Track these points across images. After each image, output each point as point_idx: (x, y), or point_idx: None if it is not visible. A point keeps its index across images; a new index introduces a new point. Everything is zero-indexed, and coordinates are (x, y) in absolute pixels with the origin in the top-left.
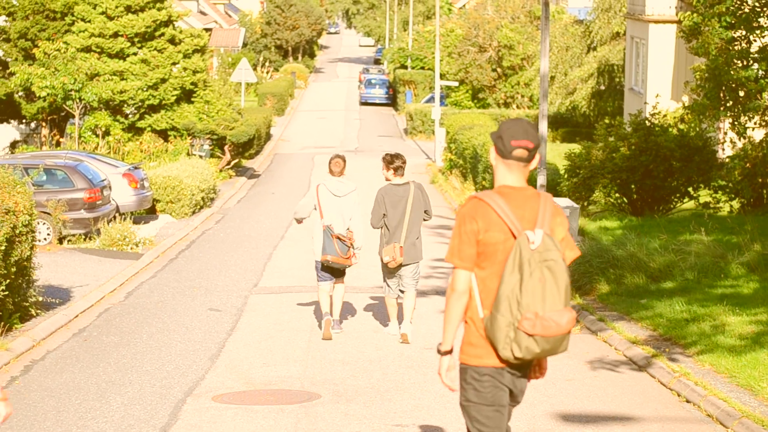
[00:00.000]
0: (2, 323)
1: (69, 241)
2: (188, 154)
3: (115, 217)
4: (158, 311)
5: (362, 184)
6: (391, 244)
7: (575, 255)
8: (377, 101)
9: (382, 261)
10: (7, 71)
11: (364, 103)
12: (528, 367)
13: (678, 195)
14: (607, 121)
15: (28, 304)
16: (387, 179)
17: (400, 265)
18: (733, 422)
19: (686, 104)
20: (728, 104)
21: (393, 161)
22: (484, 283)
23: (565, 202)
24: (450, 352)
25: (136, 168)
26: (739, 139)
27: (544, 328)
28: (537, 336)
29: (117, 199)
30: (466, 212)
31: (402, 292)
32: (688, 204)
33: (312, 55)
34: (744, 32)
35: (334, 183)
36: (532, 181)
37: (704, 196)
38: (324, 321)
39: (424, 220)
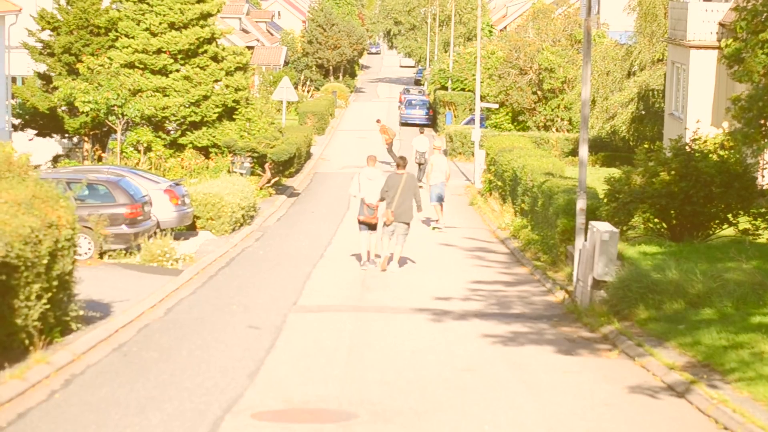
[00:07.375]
0: (43, 337)
1: (110, 255)
2: (229, 172)
3: (155, 233)
4: (198, 327)
5: None
6: (388, 209)
7: None
8: (417, 122)
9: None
10: (51, 85)
11: (404, 124)
12: None
13: (717, 221)
14: (646, 146)
15: (68, 318)
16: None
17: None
18: None
19: (726, 130)
20: None
21: (397, 161)
22: None
23: (604, 226)
24: None
25: (177, 184)
26: None
27: None
28: None
29: (158, 215)
30: None
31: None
32: (728, 230)
33: (353, 75)
34: None
35: (368, 170)
36: (572, 204)
37: (744, 222)
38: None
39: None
